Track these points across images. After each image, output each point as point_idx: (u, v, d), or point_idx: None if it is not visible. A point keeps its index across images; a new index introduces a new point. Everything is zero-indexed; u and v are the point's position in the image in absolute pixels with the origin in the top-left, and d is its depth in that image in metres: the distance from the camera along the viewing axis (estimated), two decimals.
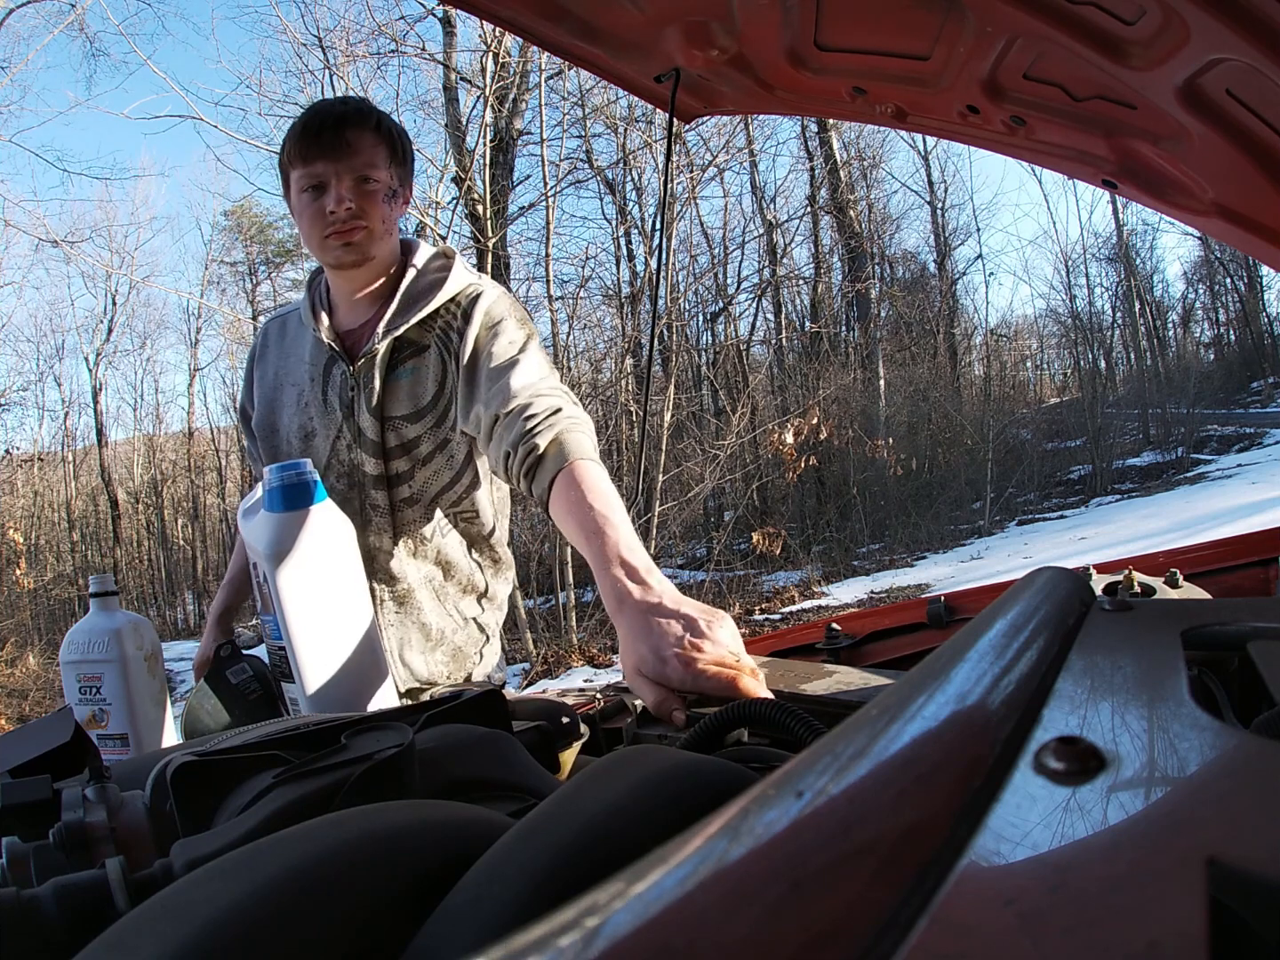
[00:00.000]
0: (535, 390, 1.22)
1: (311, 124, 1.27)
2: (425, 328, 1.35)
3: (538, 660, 7.60)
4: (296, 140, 1.27)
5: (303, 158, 1.27)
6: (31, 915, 0.37)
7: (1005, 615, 0.43)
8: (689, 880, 0.19)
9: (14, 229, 11.43)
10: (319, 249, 1.32)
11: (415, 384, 1.35)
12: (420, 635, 1.42)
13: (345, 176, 1.27)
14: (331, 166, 1.26)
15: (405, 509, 1.39)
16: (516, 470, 1.17)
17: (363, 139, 1.27)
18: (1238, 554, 1.34)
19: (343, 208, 1.26)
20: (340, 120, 1.26)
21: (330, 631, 0.98)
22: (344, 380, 1.37)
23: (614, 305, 12.09)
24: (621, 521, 1.00)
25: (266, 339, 1.52)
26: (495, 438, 1.22)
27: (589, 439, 1.17)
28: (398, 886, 0.32)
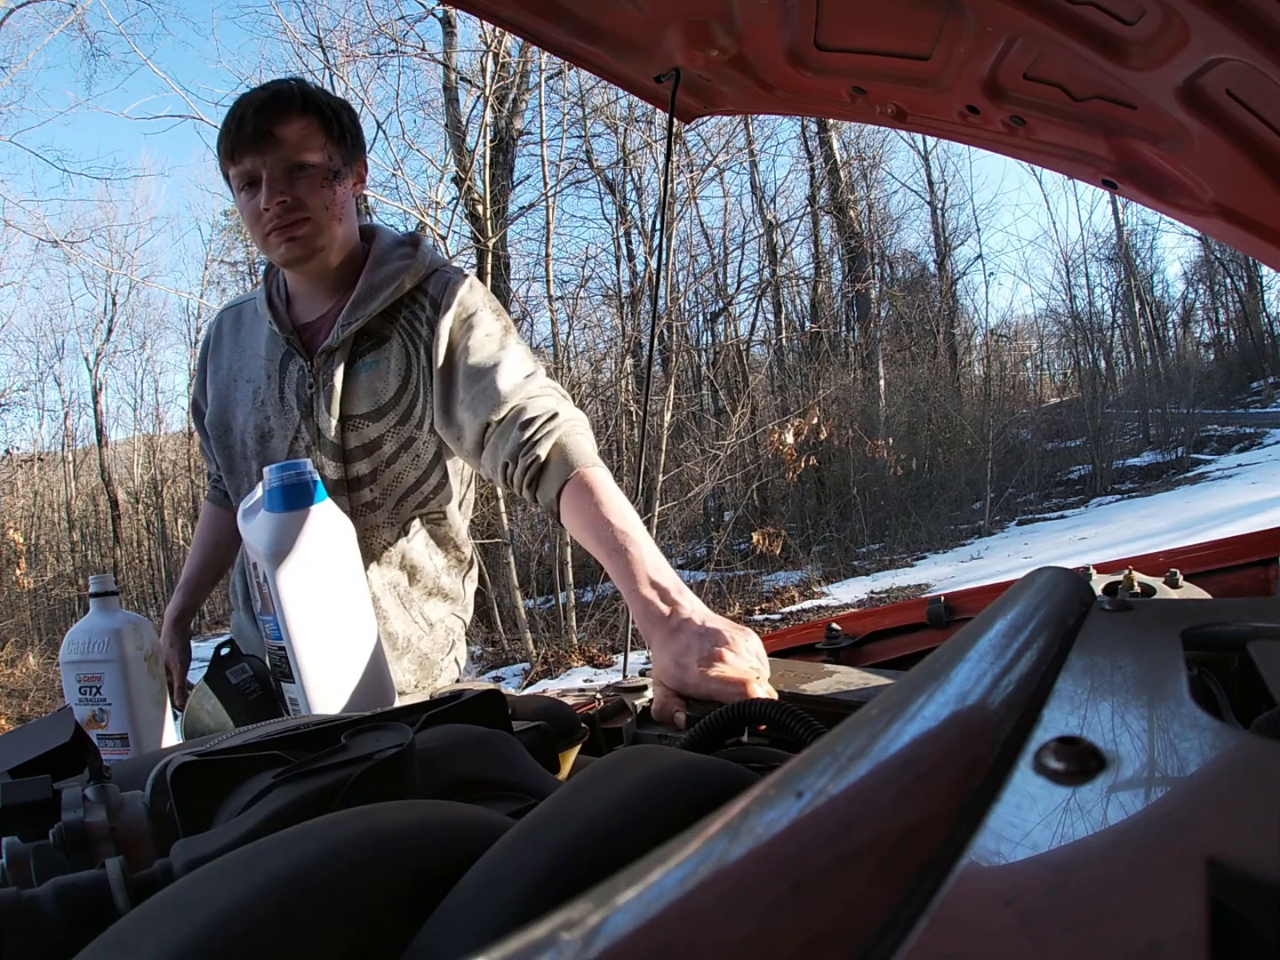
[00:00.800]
0: (526, 392, 1.18)
1: (233, 118, 1.19)
2: (387, 318, 1.27)
3: (538, 660, 7.60)
4: (223, 138, 1.20)
5: (230, 155, 1.19)
6: (31, 915, 0.37)
7: (1005, 615, 0.43)
8: (689, 880, 0.19)
9: (14, 229, 11.43)
10: (264, 248, 1.25)
11: (375, 379, 1.27)
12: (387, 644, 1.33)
13: (275, 168, 1.19)
14: (259, 159, 1.18)
15: (368, 514, 1.30)
16: (519, 481, 1.14)
17: (289, 125, 1.19)
18: (1238, 554, 1.34)
19: (274, 203, 1.19)
20: (261, 109, 1.18)
21: (330, 632, 0.98)
22: (301, 377, 1.29)
23: (614, 305, 12.10)
24: (642, 537, 1.00)
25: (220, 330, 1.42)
26: (489, 446, 1.18)
27: (589, 440, 1.15)
28: (398, 886, 0.32)
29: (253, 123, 1.17)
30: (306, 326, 1.32)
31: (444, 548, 1.41)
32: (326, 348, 1.26)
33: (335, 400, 1.26)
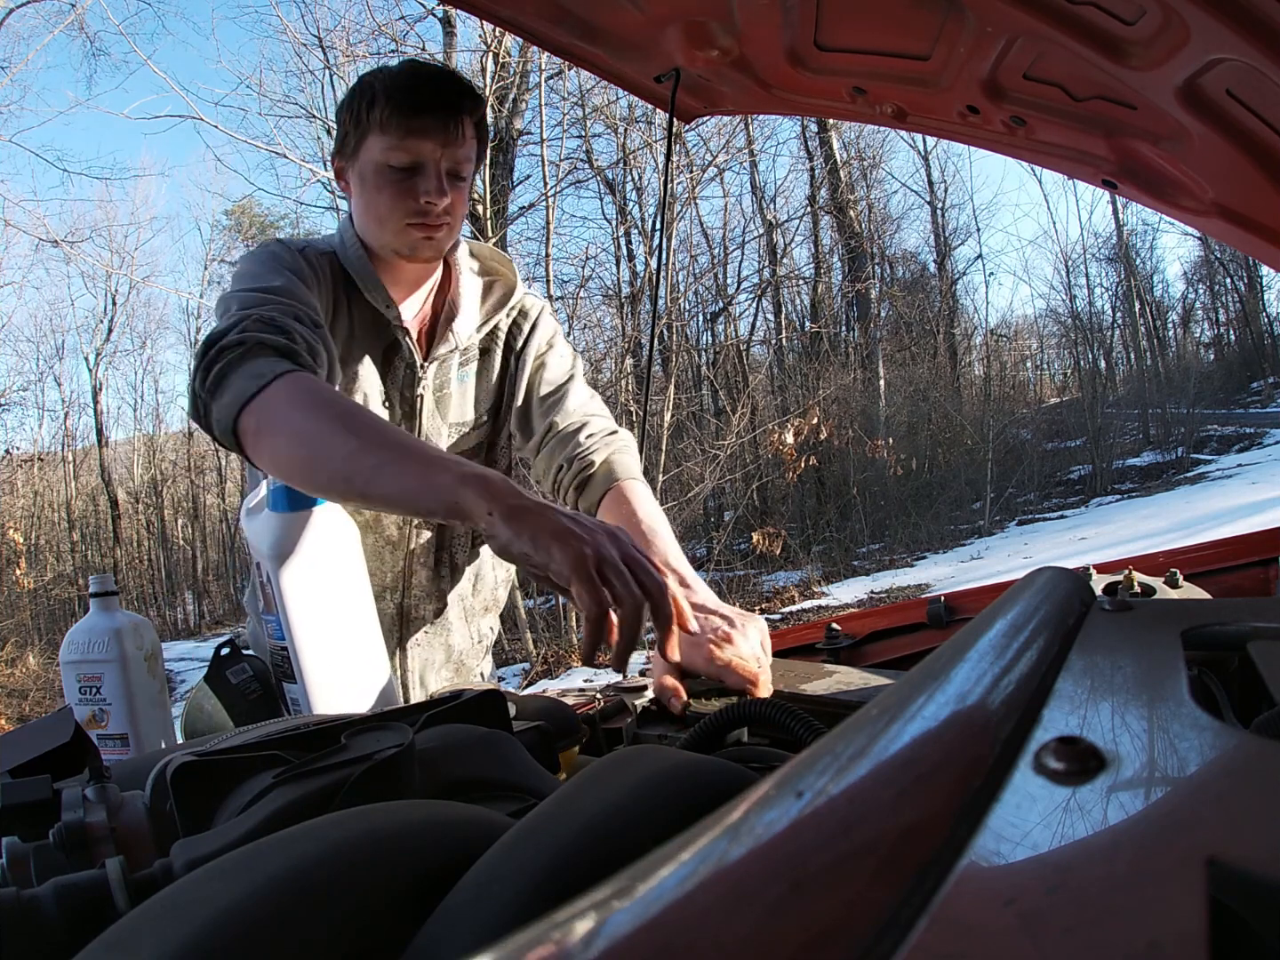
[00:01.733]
0: (589, 410, 1.28)
1: (423, 94, 1.08)
2: (490, 333, 1.29)
3: (538, 660, 7.60)
4: (399, 108, 1.08)
5: (404, 129, 1.08)
6: (31, 915, 0.37)
7: (1005, 615, 0.43)
8: (689, 880, 0.19)
9: (14, 229, 11.43)
10: (392, 233, 1.15)
11: (476, 389, 1.28)
12: (443, 656, 1.36)
13: (444, 164, 1.11)
14: (436, 150, 1.09)
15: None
16: (567, 483, 1.22)
17: (470, 126, 1.12)
18: (1238, 554, 1.34)
19: (443, 203, 1.12)
20: (457, 102, 1.10)
21: (332, 632, 0.98)
22: (409, 377, 1.23)
23: (614, 305, 12.10)
24: (667, 535, 1.08)
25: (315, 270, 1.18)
26: (548, 448, 1.25)
27: (636, 461, 1.25)
28: (398, 886, 0.32)
29: (446, 112, 1.09)
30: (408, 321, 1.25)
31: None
32: (444, 356, 1.24)
33: (450, 407, 1.27)
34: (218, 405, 0.95)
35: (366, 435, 0.87)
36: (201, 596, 16.48)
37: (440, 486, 0.81)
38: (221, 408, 0.94)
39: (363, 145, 1.12)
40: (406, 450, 0.86)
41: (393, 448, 0.86)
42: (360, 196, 1.16)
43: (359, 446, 0.86)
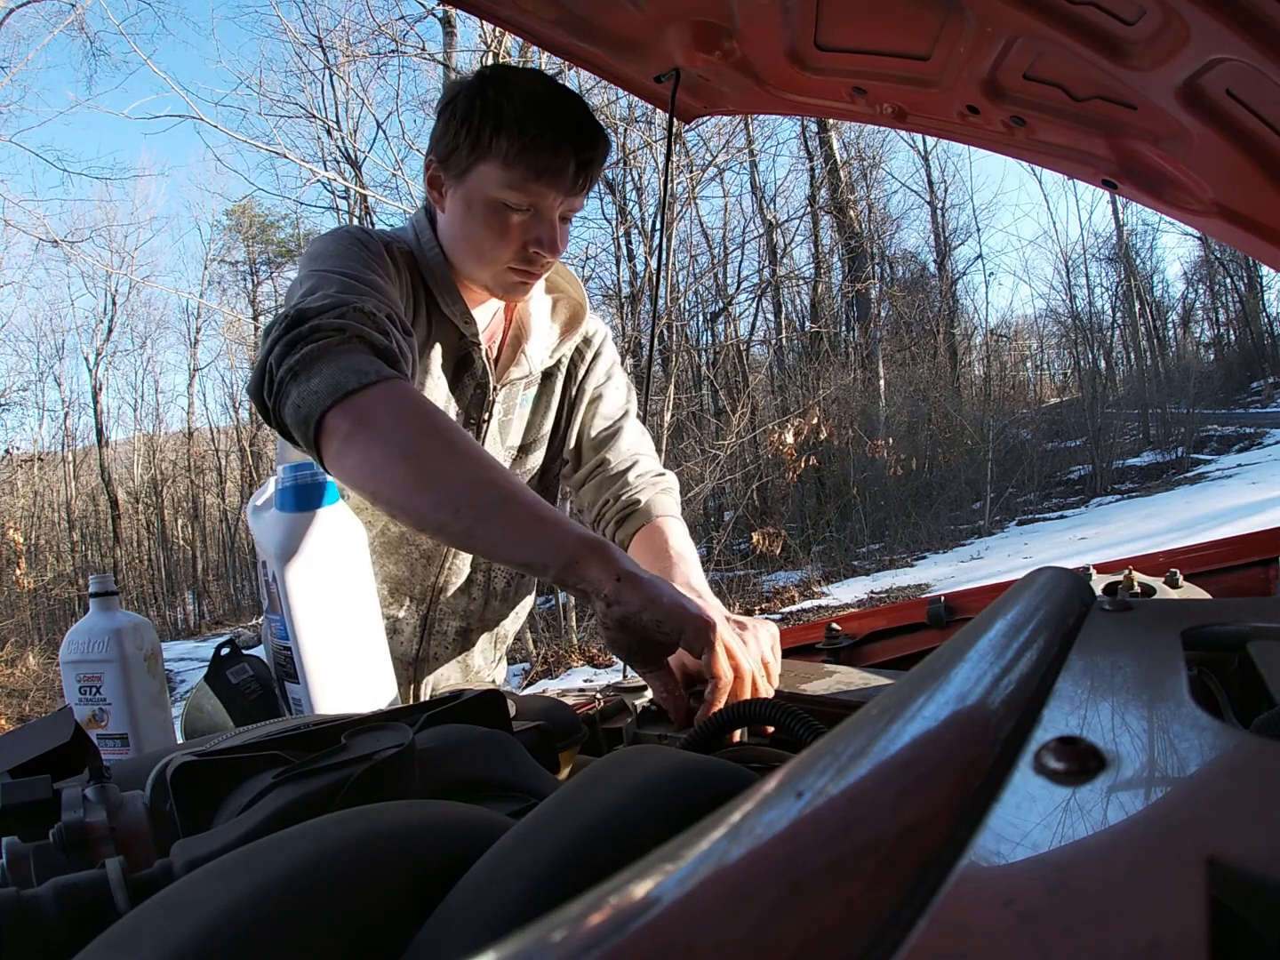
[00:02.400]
0: (639, 450, 1.29)
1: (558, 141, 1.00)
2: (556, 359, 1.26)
3: (538, 660, 7.60)
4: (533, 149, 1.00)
5: (533, 172, 1.01)
6: (31, 915, 0.37)
7: (1005, 615, 0.43)
8: (689, 880, 0.19)
9: (14, 229, 11.43)
10: (491, 272, 1.09)
11: (539, 413, 1.26)
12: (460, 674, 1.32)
13: (562, 210, 1.07)
14: (558, 199, 1.04)
15: None
16: (611, 515, 1.23)
17: (594, 175, 1.06)
18: (1238, 554, 1.34)
19: (556, 255, 1.08)
20: (592, 156, 1.03)
21: (337, 633, 0.98)
22: (477, 396, 1.18)
23: (614, 305, 12.10)
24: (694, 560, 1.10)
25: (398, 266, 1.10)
26: (595, 481, 1.27)
27: (677, 502, 1.26)
28: (398, 886, 0.32)
29: (579, 157, 1.02)
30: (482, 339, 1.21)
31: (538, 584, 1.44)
32: (517, 377, 1.20)
33: (514, 430, 1.24)
34: (301, 390, 0.85)
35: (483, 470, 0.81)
36: (201, 596, 16.49)
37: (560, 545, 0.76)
38: (307, 394, 0.84)
39: (475, 169, 1.04)
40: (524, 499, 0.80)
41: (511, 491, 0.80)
42: (459, 222, 1.08)
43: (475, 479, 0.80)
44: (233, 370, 18.22)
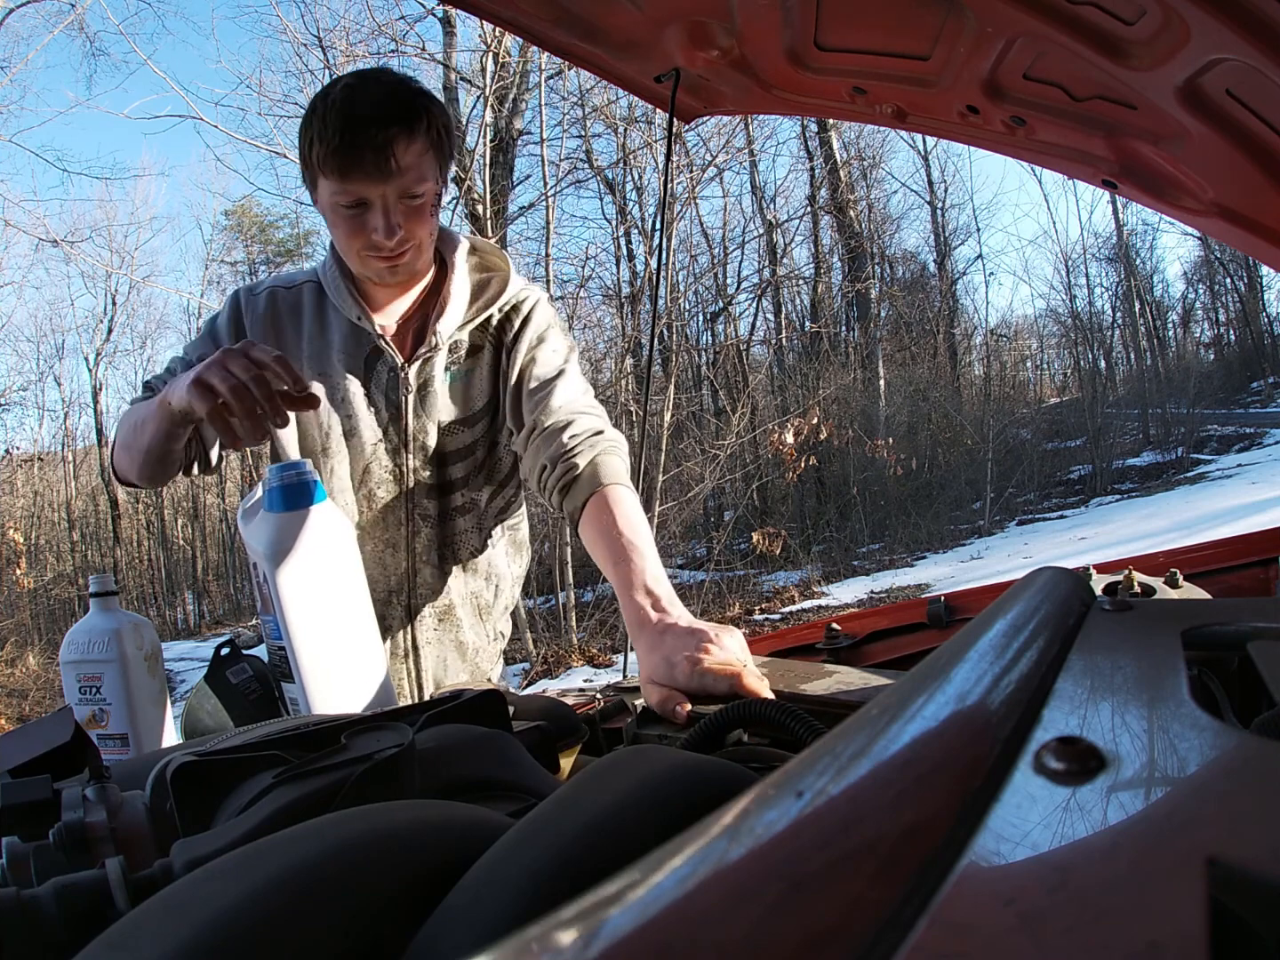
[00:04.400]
0: (577, 407, 1.22)
1: (351, 137, 1.06)
2: (481, 328, 1.29)
3: (538, 660, 7.60)
4: (332, 152, 1.07)
5: (339, 173, 1.08)
6: (31, 915, 0.37)
7: (1005, 615, 0.43)
8: (689, 880, 0.19)
9: (14, 229, 11.42)
10: (357, 264, 1.20)
11: (470, 386, 1.29)
12: (457, 654, 1.36)
13: (391, 196, 1.11)
14: (376, 188, 1.10)
15: (458, 517, 1.32)
16: (551, 485, 1.17)
17: (411, 151, 1.09)
18: (1238, 554, 1.34)
19: (394, 239, 1.13)
20: (386, 136, 1.07)
21: (330, 631, 0.98)
22: (392, 380, 1.26)
23: (614, 305, 12.10)
24: (648, 549, 1.03)
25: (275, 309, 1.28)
26: (533, 447, 1.21)
27: (624, 462, 1.18)
28: (398, 886, 0.32)
29: (373, 145, 1.06)
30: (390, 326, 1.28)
31: (520, 553, 1.46)
32: (426, 355, 1.25)
33: (436, 406, 1.27)
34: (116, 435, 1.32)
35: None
36: (201, 596, 16.48)
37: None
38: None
39: (316, 184, 1.14)
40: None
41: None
42: (330, 231, 1.20)
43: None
44: None
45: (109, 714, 1.04)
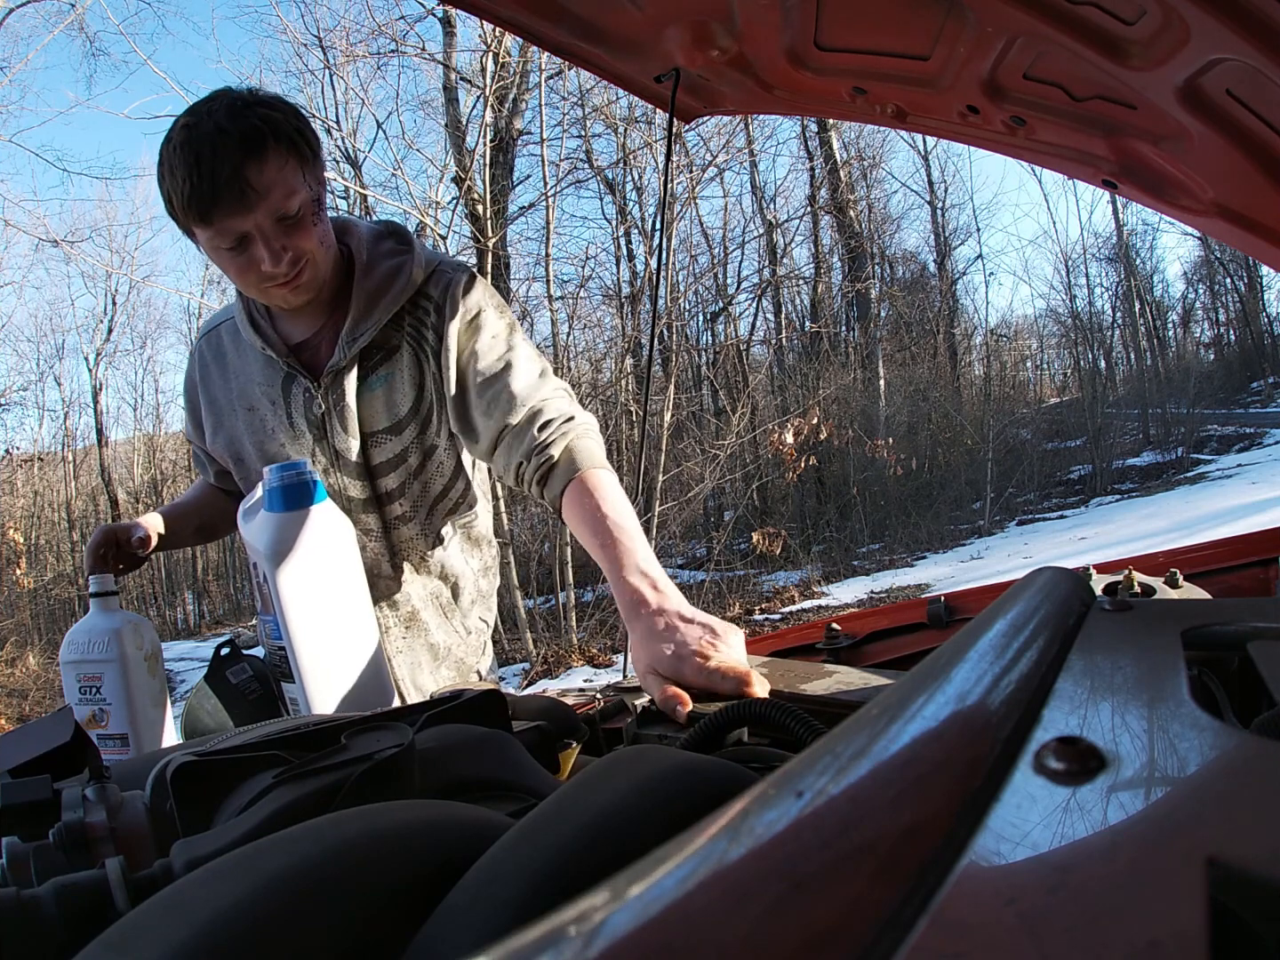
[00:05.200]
0: (540, 395, 1.18)
1: (201, 183, 1.02)
2: (393, 327, 1.22)
3: (538, 660, 7.60)
4: (190, 203, 1.04)
5: (202, 219, 1.05)
6: (31, 915, 0.37)
7: (1005, 615, 0.43)
8: (689, 880, 0.19)
9: (14, 229, 11.40)
10: (262, 297, 1.17)
11: (391, 392, 1.23)
12: (429, 656, 1.37)
13: (265, 222, 1.07)
14: (247, 219, 1.06)
15: (400, 527, 1.31)
16: (530, 478, 1.15)
17: (268, 170, 1.05)
18: (1238, 554, 1.34)
19: (283, 266, 1.10)
20: (235, 165, 1.03)
21: (330, 631, 0.98)
22: (308, 399, 1.24)
23: (614, 305, 12.09)
24: (635, 531, 1.02)
25: (204, 360, 1.33)
26: (503, 446, 1.18)
27: (598, 444, 1.16)
28: (398, 886, 0.32)
29: (226, 178, 1.02)
30: (302, 345, 1.25)
31: (478, 548, 1.43)
32: (333, 367, 1.21)
33: (352, 419, 1.22)
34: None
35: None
36: (201, 596, 16.48)
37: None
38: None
39: (192, 234, 1.11)
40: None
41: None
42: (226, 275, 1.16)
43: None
44: None
45: (109, 714, 1.04)
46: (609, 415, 10.30)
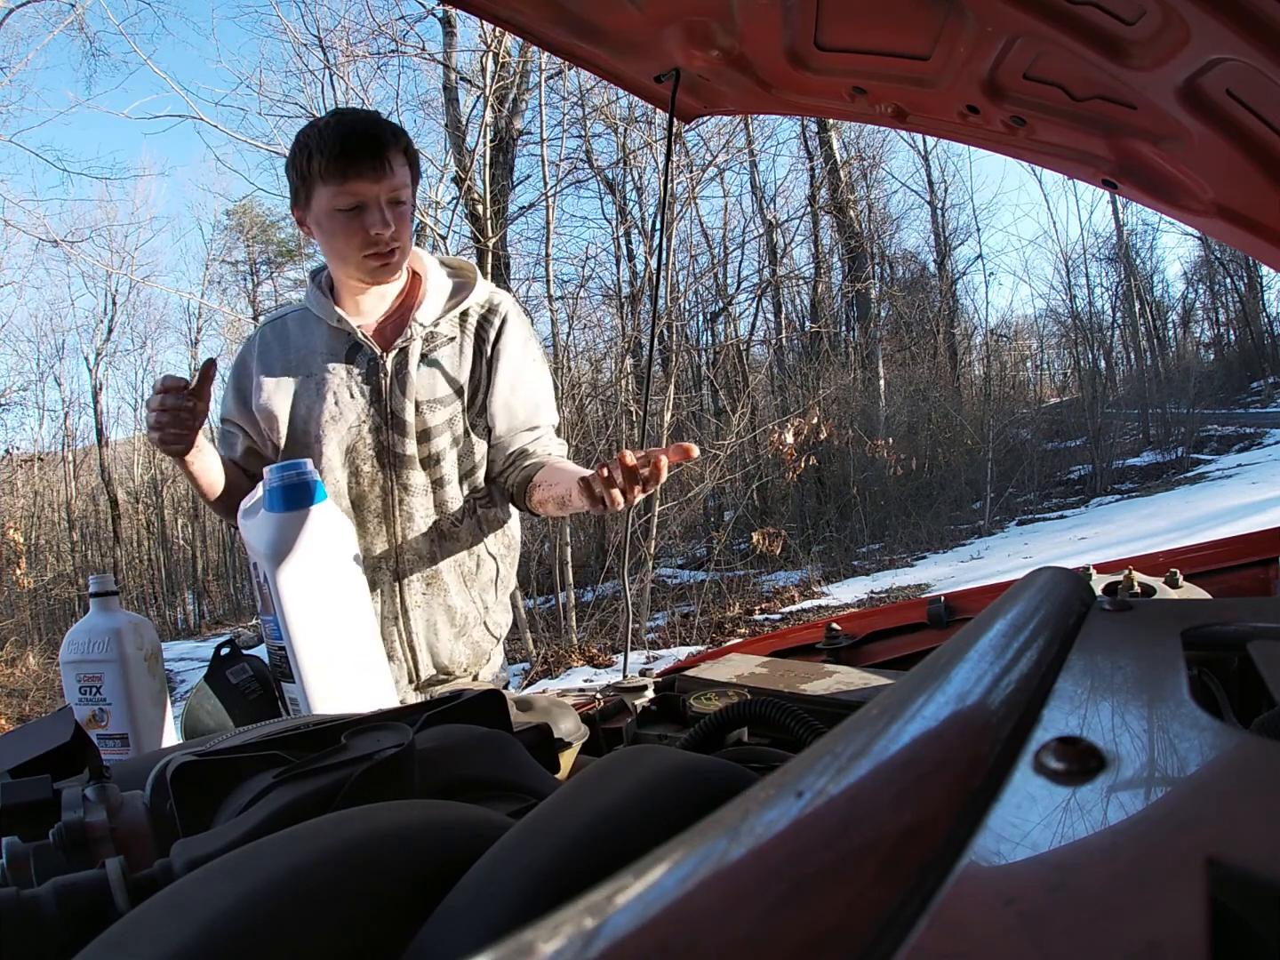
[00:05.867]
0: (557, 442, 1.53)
1: (350, 143, 1.27)
2: (459, 323, 1.47)
3: (538, 660, 7.60)
4: (334, 158, 1.27)
5: (341, 176, 1.27)
6: (31, 915, 0.37)
7: (1005, 615, 0.43)
8: (689, 880, 0.19)
9: (14, 229, 11.40)
10: (355, 265, 1.36)
11: (447, 371, 1.46)
12: (446, 618, 1.48)
13: (384, 197, 1.30)
14: (372, 189, 1.29)
15: (439, 490, 1.48)
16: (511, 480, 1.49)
17: (397, 160, 1.30)
18: (1238, 554, 1.34)
19: (389, 232, 1.31)
20: (380, 143, 1.28)
21: (330, 631, 0.98)
22: (372, 367, 1.44)
23: (614, 305, 12.09)
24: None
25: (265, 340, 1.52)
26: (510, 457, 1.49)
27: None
28: (398, 886, 0.32)
29: (373, 154, 1.27)
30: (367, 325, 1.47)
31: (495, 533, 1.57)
32: (403, 343, 1.43)
33: (410, 386, 1.43)
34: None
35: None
36: (201, 596, 16.49)
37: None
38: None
39: (312, 196, 1.32)
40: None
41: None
42: (323, 241, 1.37)
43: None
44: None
45: (109, 714, 1.04)
46: (609, 415, 10.30)
